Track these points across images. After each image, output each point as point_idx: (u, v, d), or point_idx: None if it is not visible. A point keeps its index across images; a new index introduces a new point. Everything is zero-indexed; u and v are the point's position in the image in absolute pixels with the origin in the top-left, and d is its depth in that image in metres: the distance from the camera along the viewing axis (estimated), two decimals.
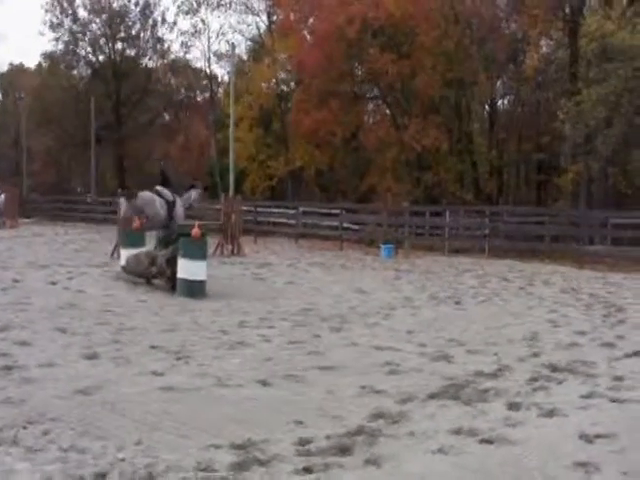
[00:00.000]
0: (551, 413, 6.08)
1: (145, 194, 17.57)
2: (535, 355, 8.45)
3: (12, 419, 5.57)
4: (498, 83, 38.25)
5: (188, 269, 12.72)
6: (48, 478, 4.50)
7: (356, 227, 28.95)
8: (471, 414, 6.03)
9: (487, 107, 39.95)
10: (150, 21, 46.60)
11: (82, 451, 4.96)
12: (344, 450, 5.08)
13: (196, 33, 45.44)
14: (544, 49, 35.90)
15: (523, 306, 12.63)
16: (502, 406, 6.28)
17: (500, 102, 40.54)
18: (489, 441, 5.35)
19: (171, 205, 16.88)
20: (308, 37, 37.44)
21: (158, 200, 17.70)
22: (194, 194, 18.29)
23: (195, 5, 43.75)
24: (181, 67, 48.99)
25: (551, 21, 32.93)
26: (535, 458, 5.02)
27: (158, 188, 17.61)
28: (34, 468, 4.65)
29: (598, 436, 5.47)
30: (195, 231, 13.30)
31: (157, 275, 13.66)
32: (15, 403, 6.02)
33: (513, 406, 6.26)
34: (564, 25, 32.38)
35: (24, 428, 5.35)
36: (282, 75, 41.81)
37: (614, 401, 6.49)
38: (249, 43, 46.86)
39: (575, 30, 30.17)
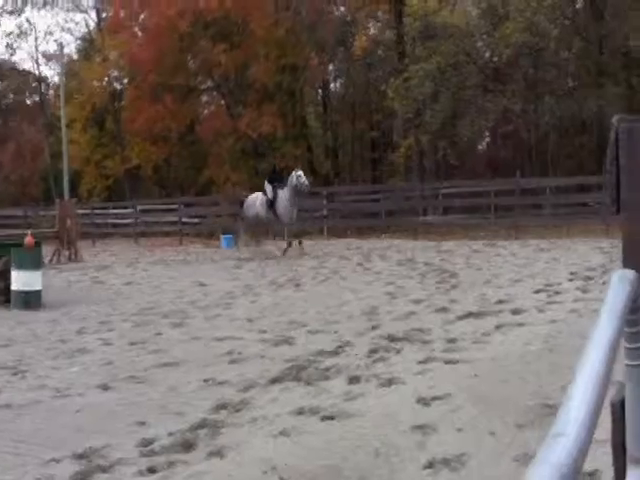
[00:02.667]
0: (390, 382, 6.29)
1: (250, 197, 19.54)
2: (374, 328, 8.74)
3: None
4: (330, 66, 38.97)
5: (22, 280, 12.25)
6: None
7: (196, 220, 28.86)
8: (313, 393, 6.14)
9: (320, 91, 40.61)
10: None
11: None
12: (187, 445, 5.07)
13: (22, 34, 43.46)
14: (372, 30, 36.92)
15: (361, 282, 13.09)
16: (343, 381, 6.44)
17: (332, 85, 41.31)
18: (330, 417, 5.47)
19: (269, 203, 18.71)
20: (139, 33, 36.75)
21: (259, 199, 19.09)
22: (294, 176, 18.64)
23: (20, 4, 41.77)
24: (7, 70, 46.66)
25: (377, 3, 33.95)
26: (375, 427, 5.18)
27: (266, 184, 18.97)
28: None
29: (434, 398, 5.71)
30: (28, 240, 12.83)
31: None
32: None
33: (353, 380, 6.43)
34: (390, 6, 33.39)
35: None
36: (114, 73, 40.81)
37: (448, 363, 6.80)
38: (79, 42, 45.40)
39: (400, 10, 31.20)
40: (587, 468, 3.48)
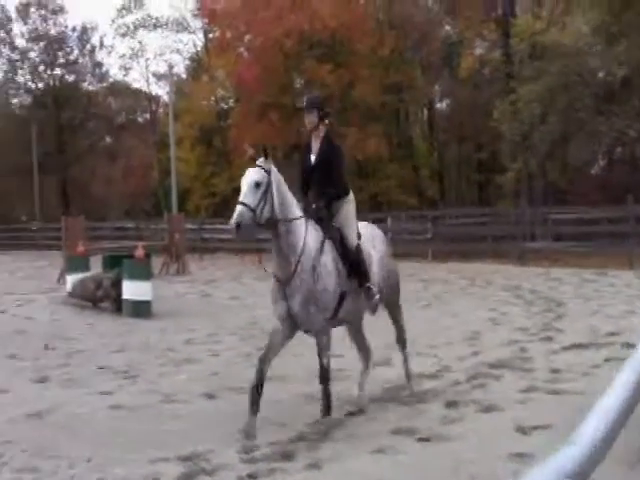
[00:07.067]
0: (489, 408, 6.28)
1: None
2: (475, 354, 8.66)
3: None
4: (436, 86, 38.78)
5: (133, 290, 12.76)
6: None
7: None
8: (410, 414, 6.21)
9: (426, 111, 40.45)
10: (88, 46, 46.25)
11: (35, 470, 5.12)
12: (287, 455, 5.27)
13: (134, 55, 45.28)
14: (479, 50, 36.56)
15: (464, 307, 12.85)
16: (440, 405, 6.47)
17: (439, 105, 41.07)
18: (427, 439, 5.54)
19: None
20: (245, 53, 37.54)
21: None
22: None
23: (132, 28, 43.61)
24: (121, 89, 48.66)
25: (484, 22, 33.65)
26: (471, 452, 5.20)
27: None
28: None
29: (535, 428, 5.65)
30: (139, 252, 13.36)
31: (103, 298, 13.66)
32: None
33: (451, 404, 6.45)
34: (497, 26, 33.07)
35: None
36: (221, 92, 41.85)
37: (551, 393, 6.70)
38: (187, 62, 46.82)
39: (507, 30, 30.80)
40: None
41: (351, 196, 6.69)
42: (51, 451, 5.50)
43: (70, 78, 46.41)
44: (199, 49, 44.60)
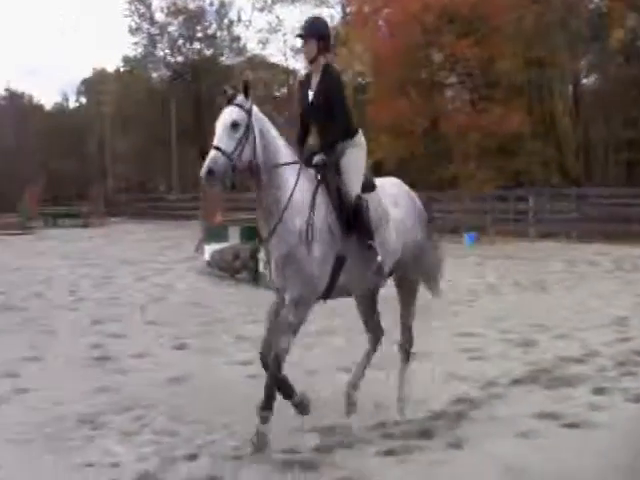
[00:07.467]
0: (638, 398, 6.00)
1: None
2: (623, 340, 8.26)
3: (108, 406, 5.93)
4: (582, 61, 37.29)
5: None
6: (143, 459, 4.80)
7: (438, 215, 28.79)
8: (555, 399, 6.01)
9: (571, 86, 39.00)
10: (226, 20, 47.34)
11: (173, 434, 5.26)
12: (426, 433, 5.19)
13: (272, 30, 45.78)
14: (630, 22, 34.80)
15: (611, 290, 12.21)
16: (587, 391, 6.23)
17: (585, 80, 39.48)
18: (572, 425, 5.36)
19: None
20: (383, 27, 37.31)
21: None
22: None
23: (270, 2, 44.07)
24: (258, 63, 49.46)
25: None
26: (618, 442, 5.01)
27: None
28: (130, 450, 4.97)
29: None
30: None
31: (241, 269, 13.87)
32: (111, 391, 6.39)
33: (598, 391, 6.22)
34: None
35: None
36: (359, 67, 41.80)
37: None
38: None
39: None
40: None
41: (360, 139, 5.84)
42: (189, 416, 5.63)
43: (208, 52, 47.55)
44: (337, 23, 44.65)
